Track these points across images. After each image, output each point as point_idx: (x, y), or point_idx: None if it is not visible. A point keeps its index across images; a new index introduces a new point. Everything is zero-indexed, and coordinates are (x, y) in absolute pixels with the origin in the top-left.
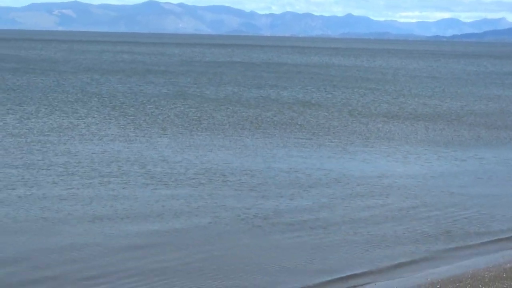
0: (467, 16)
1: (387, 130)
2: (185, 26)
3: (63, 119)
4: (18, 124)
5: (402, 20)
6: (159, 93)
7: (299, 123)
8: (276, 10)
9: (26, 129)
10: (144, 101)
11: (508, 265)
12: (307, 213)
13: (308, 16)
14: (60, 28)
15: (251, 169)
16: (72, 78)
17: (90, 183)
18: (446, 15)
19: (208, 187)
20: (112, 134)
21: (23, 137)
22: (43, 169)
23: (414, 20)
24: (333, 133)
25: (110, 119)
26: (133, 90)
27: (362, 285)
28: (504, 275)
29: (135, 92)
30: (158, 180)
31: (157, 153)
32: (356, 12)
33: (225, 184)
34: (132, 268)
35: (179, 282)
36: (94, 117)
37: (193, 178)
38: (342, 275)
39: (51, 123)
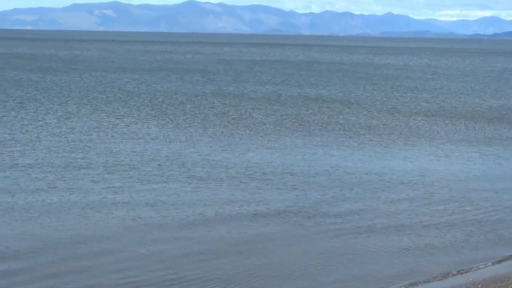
0: (508, 14)
1: (428, 129)
2: (225, 26)
3: (103, 119)
4: (59, 124)
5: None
6: (199, 92)
7: (339, 122)
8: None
9: (67, 128)
10: (183, 100)
11: None
12: (349, 213)
13: (347, 15)
14: (100, 29)
15: (292, 168)
16: (112, 78)
17: (131, 182)
18: (487, 13)
19: (249, 186)
20: (152, 133)
21: (64, 136)
22: (84, 168)
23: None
24: (373, 131)
25: (150, 118)
26: (173, 89)
27: (403, 286)
28: None
29: (174, 91)
30: (198, 179)
31: (197, 152)
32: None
33: (266, 183)
34: (172, 266)
35: (220, 280)
36: (134, 116)
37: (234, 177)
38: (382, 275)
39: (91, 123)
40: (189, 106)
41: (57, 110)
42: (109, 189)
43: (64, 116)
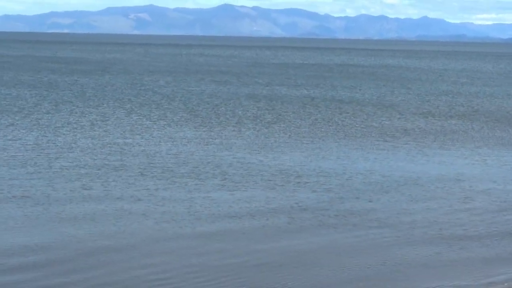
0: None
1: (463, 133)
2: (260, 29)
3: (138, 121)
4: (94, 126)
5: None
6: (233, 95)
7: (373, 125)
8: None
9: (102, 130)
10: (218, 103)
11: None
12: (385, 216)
13: (382, 18)
14: (136, 32)
15: (327, 171)
16: (147, 81)
17: (166, 184)
18: None
19: (285, 188)
20: (187, 136)
21: (99, 138)
22: (119, 170)
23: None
24: (408, 135)
25: (184, 121)
26: (207, 92)
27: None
28: None
29: (209, 94)
30: (234, 181)
31: (232, 154)
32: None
33: (301, 186)
34: (209, 267)
35: (259, 281)
36: (168, 119)
37: (269, 180)
38: (420, 277)
39: (126, 125)
40: (223, 108)
41: (92, 112)
42: (144, 191)
43: (99, 119)
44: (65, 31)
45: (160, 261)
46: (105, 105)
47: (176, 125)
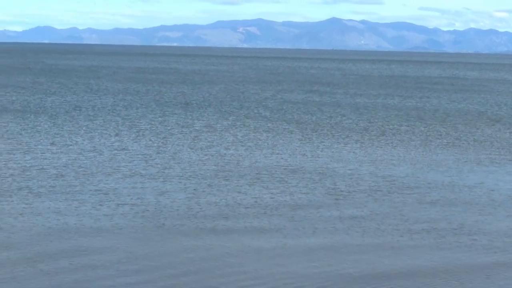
0: None
1: None
2: (367, 43)
3: (242, 132)
4: (199, 136)
5: None
6: (338, 107)
7: (484, 138)
8: (460, 26)
9: (208, 142)
10: (324, 116)
11: None
12: (497, 232)
13: (492, 32)
14: (244, 45)
15: (435, 183)
16: (252, 92)
17: (274, 194)
18: None
19: (390, 199)
20: (294, 147)
21: (205, 149)
22: (226, 180)
23: None
24: None
25: (289, 132)
26: (313, 104)
27: None
28: None
29: (315, 106)
30: (340, 191)
31: (342, 165)
32: None
33: (409, 197)
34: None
35: None
36: (274, 130)
37: (378, 190)
38: None
39: (230, 136)
40: (330, 121)
41: (196, 123)
42: (253, 199)
43: (205, 130)
44: (174, 44)
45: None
46: (209, 116)
47: (282, 136)
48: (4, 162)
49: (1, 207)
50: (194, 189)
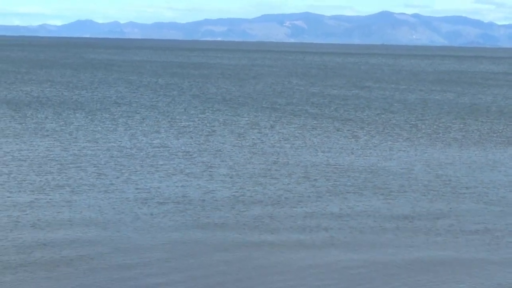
0: None
1: None
2: (419, 37)
3: (287, 129)
4: (244, 133)
5: None
6: (386, 103)
7: None
8: None
9: (255, 138)
10: (373, 112)
11: None
12: None
13: None
14: (291, 40)
15: (492, 183)
16: (298, 89)
17: (327, 194)
18: None
19: (445, 199)
20: (342, 145)
21: (251, 147)
22: (274, 179)
23: None
24: None
25: (335, 129)
26: (362, 99)
27: None
28: None
29: (363, 102)
30: (390, 191)
31: (390, 163)
32: None
33: (465, 197)
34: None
35: None
36: (321, 128)
37: (432, 190)
38: None
39: (278, 133)
40: (377, 118)
41: (240, 120)
42: (300, 199)
43: (249, 127)
44: (219, 38)
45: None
46: (254, 113)
47: (330, 134)
48: (42, 159)
49: (40, 205)
50: (239, 188)
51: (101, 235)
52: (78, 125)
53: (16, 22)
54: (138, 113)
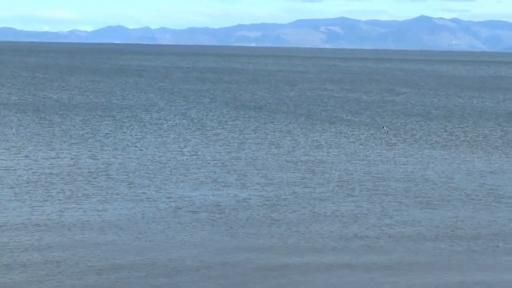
0: None
1: None
2: (459, 43)
3: (322, 137)
4: (277, 141)
5: None
6: (425, 109)
7: None
8: None
9: (288, 145)
10: (414, 119)
11: None
12: None
13: None
14: (326, 45)
15: None
16: (332, 96)
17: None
18: None
19: (488, 208)
20: (379, 153)
21: (289, 154)
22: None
23: None
24: None
25: (371, 136)
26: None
27: None
28: None
29: (399, 107)
30: (430, 200)
31: (429, 172)
32: None
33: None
34: None
35: None
36: (355, 136)
37: (473, 199)
38: None
39: (314, 140)
40: (417, 124)
41: (272, 127)
42: (337, 209)
43: (282, 134)
44: (252, 44)
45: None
46: (287, 119)
47: (366, 142)
48: (70, 168)
49: (70, 215)
50: (273, 197)
51: (132, 244)
52: (108, 133)
53: (46, 28)
54: (169, 120)
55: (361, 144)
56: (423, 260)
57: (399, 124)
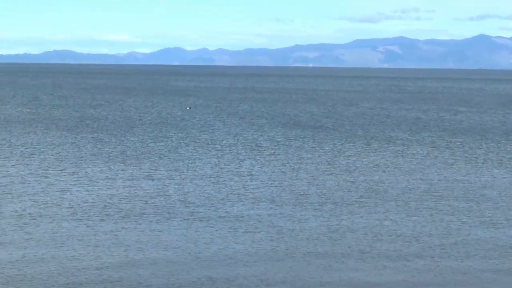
0: None
1: None
2: None
3: (384, 156)
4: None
5: None
6: (484, 129)
7: None
8: None
9: (343, 166)
10: (474, 138)
11: None
12: None
13: None
14: (384, 65)
15: None
16: (390, 116)
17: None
18: None
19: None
20: (438, 171)
21: (341, 175)
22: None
23: None
24: None
25: (431, 155)
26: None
27: None
28: None
29: (458, 127)
30: (492, 219)
31: (492, 191)
32: None
33: None
34: None
35: None
36: (408, 152)
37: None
38: None
39: (374, 160)
40: (477, 143)
41: (328, 147)
42: (397, 228)
43: (339, 153)
44: (310, 65)
45: None
46: (344, 139)
47: (424, 160)
48: (126, 189)
49: (127, 235)
50: (331, 217)
51: (190, 264)
52: (164, 153)
53: (105, 50)
54: (225, 140)
55: (420, 163)
56: (488, 277)
57: (458, 142)
